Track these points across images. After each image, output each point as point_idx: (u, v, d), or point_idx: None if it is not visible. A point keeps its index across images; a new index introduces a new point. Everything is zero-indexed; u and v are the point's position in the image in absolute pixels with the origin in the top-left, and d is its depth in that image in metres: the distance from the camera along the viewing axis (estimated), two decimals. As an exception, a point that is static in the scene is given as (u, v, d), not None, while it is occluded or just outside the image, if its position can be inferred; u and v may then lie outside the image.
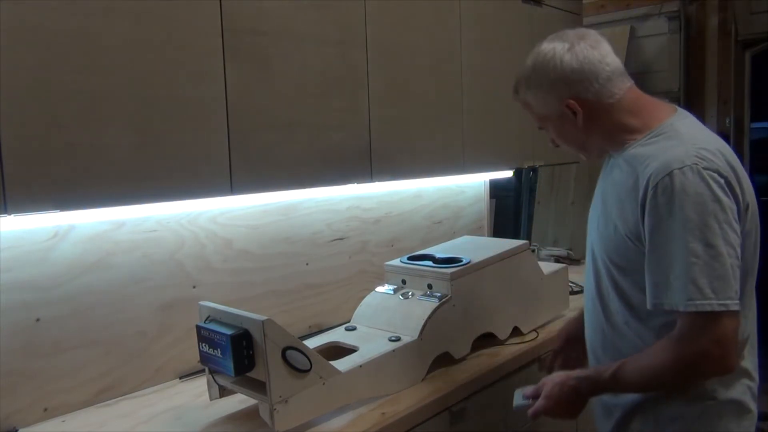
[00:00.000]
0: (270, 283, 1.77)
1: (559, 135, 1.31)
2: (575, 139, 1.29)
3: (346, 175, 1.58)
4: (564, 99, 1.22)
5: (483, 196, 2.62)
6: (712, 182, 1.07)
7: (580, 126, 1.23)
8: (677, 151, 1.11)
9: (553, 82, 1.22)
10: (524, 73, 1.29)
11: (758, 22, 3.05)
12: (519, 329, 1.79)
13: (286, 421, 1.20)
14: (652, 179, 1.11)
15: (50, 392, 1.36)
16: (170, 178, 1.21)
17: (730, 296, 1.05)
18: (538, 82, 1.25)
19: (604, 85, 1.21)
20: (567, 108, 1.22)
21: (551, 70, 1.22)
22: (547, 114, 1.28)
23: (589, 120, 1.23)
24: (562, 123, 1.26)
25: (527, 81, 1.28)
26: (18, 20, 1.00)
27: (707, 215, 1.06)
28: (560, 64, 1.21)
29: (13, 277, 1.30)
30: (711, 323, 1.06)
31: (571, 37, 1.23)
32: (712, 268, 1.05)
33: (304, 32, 1.44)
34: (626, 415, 1.26)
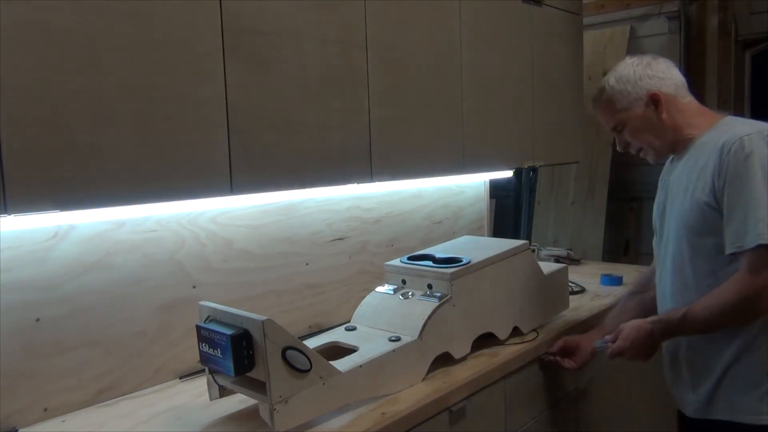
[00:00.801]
0: (270, 283, 1.77)
1: (637, 129, 1.50)
2: (650, 133, 1.49)
3: (346, 175, 1.58)
4: (650, 90, 1.46)
5: (483, 196, 2.62)
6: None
7: (661, 117, 1.46)
8: (743, 127, 1.36)
9: (641, 77, 1.47)
10: (614, 73, 1.52)
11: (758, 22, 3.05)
12: (519, 329, 1.79)
13: (286, 421, 1.20)
14: (725, 148, 1.33)
15: (50, 392, 1.36)
16: (170, 178, 1.21)
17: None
18: (627, 78, 1.48)
19: (680, 87, 1.48)
20: (651, 99, 1.46)
21: (640, 69, 1.48)
22: (631, 107, 1.49)
23: (668, 112, 1.46)
24: (642, 116, 1.48)
25: (617, 79, 1.50)
26: (18, 20, 1.00)
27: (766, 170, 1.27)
28: (647, 65, 1.49)
29: (13, 277, 1.30)
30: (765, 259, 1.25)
31: (653, 55, 1.52)
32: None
33: (304, 32, 1.44)
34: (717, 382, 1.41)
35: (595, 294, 2.26)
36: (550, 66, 2.34)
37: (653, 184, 1.68)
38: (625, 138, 1.54)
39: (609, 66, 3.20)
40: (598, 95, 1.56)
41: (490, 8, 2.03)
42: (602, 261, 3.06)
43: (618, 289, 2.31)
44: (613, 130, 1.56)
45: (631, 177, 3.22)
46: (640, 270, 2.59)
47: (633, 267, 2.71)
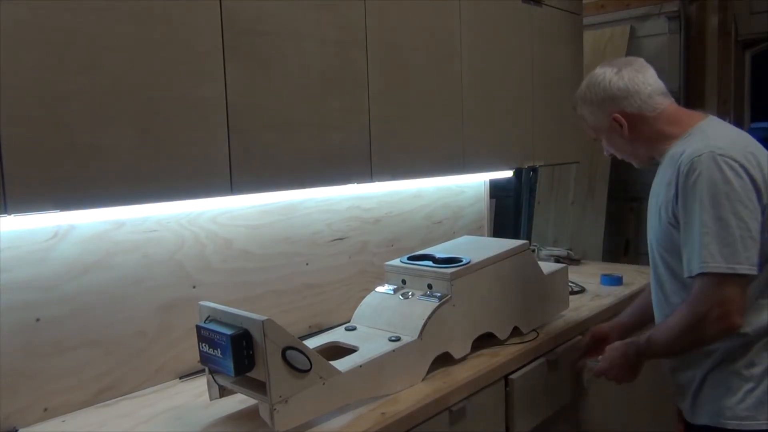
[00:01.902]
0: (270, 283, 1.77)
1: (610, 144, 1.56)
2: (623, 148, 1.53)
3: (346, 175, 1.58)
4: (612, 113, 1.47)
5: (483, 196, 2.62)
6: (725, 166, 1.27)
7: (626, 136, 1.47)
8: (701, 142, 1.33)
9: (603, 99, 1.48)
10: (580, 93, 1.55)
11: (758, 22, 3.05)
12: (519, 329, 1.79)
13: (286, 421, 1.20)
14: (682, 166, 1.32)
15: (50, 392, 1.36)
16: (170, 178, 1.21)
17: (739, 261, 1.24)
18: (590, 100, 1.51)
19: (645, 101, 1.45)
20: (614, 121, 1.47)
21: (601, 89, 1.48)
22: (599, 126, 1.53)
23: (634, 131, 1.47)
24: (611, 134, 1.51)
25: (582, 99, 1.54)
26: (18, 20, 1.00)
27: (718, 194, 1.26)
28: (609, 84, 1.47)
29: (13, 277, 1.30)
30: (717, 285, 1.26)
31: (620, 63, 1.49)
32: (721, 237, 1.25)
33: (304, 32, 1.44)
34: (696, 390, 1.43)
35: (595, 294, 2.26)
36: (550, 66, 2.34)
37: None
38: (607, 147, 1.59)
39: (609, 66, 3.22)
40: (573, 109, 1.60)
41: (490, 8, 2.03)
42: (602, 261, 3.06)
43: (618, 289, 2.31)
44: (594, 139, 1.63)
45: (631, 177, 3.22)
46: (640, 270, 2.59)
47: (633, 267, 2.71)
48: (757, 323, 1.33)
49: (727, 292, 1.25)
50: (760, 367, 1.33)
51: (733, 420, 1.34)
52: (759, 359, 1.33)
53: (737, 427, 1.33)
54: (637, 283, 2.39)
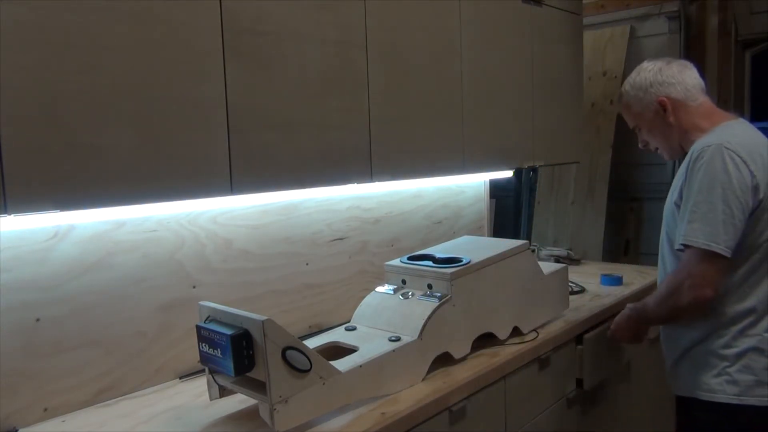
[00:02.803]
0: (270, 283, 1.77)
1: (650, 131, 1.66)
2: (663, 134, 1.63)
3: (346, 175, 1.58)
4: (658, 96, 1.60)
5: (483, 196, 2.62)
6: (728, 158, 1.40)
7: (669, 121, 1.59)
8: (718, 136, 1.47)
9: (651, 84, 1.61)
10: (629, 80, 1.67)
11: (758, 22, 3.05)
12: (519, 329, 1.79)
13: (286, 421, 1.20)
14: (693, 154, 1.47)
15: (50, 392, 1.36)
16: (170, 178, 1.21)
17: (716, 241, 1.39)
18: (639, 85, 1.63)
19: (690, 90, 1.59)
20: (659, 104, 1.59)
21: (651, 74, 1.62)
22: (643, 112, 1.64)
23: (676, 116, 1.58)
24: (654, 119, 1.62)
25: (632, 85, 1.66)
26: (18, 20, 1.00)
27: (715, 180, 1.40)
28: (659, 71, 1.61)
29: (13, 277, 1.30)
30: (695, 258, 1.42)
31: (667, 59, 1.65)
32: (707, 218, 1.40)
33: (304, 32, 1.44)
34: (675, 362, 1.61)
35: (595, 294, 2.26)
36: (550, 66, 2.34)
37: (653, 184, 1.72)
38: (644, 137, 1.70)
39: (609, 66, 3.22)
40: (619, 98, 1.73)
41: (490, 8, 2.03)
42: (602, 261, 3.06)
43: (618, 289, 2.31)
44: (634, 129, 1.72)
45: (631, 177, 3.22)
46: (640, 270, 2.60)
47: (633, 267, 2.71)
48: (739, 308, 1.46)
49: (702, 267, 1.41)
50: (735, 349, 1.46)
51: (707, 393, 1.49)
52: (735, 342, 1.47)
53: (709, 399, 1.48)
54: (637, 283, 2.39)
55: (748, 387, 1.45)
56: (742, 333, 1.46)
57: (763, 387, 1.44)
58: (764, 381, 1.44)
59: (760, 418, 1.45)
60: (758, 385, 1.44)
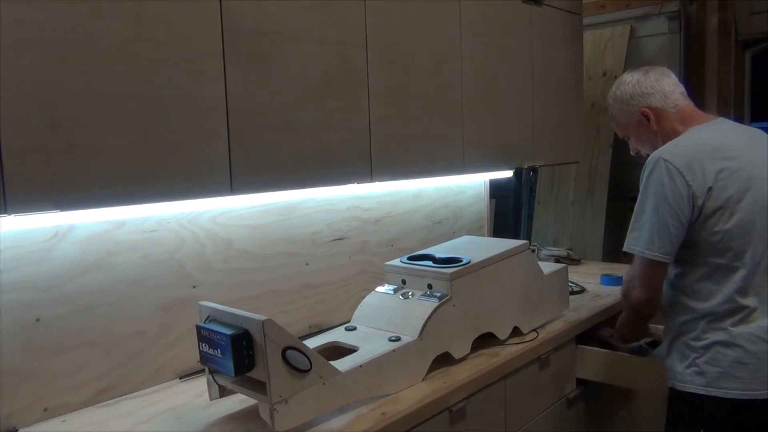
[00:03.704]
0: (270, 283, 1.77)
1: (638, 139, 1.72)
2: (650, 141, 1.68)
3: (346, 175, 1.58)
4: (640, 107, 1.66)
5: (483, 196, 2.62)
6: (664, 170, 1.49)
7: (653, 129, 1.65)
8: (662, 149, 1.55)
9: (632, 96, 1.67)
10: (611, 94, 1.74)
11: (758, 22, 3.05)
12: (519, 329, 1.79)
13: (286, 421, 1.20)
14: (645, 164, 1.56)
15: (50, 392, 1.36)
16: (170, 178, 1.21)
17: (650, 248, 1.50)
18: (620, 98, 1.70)
19: (668, 97, 1.64)
20: (642, 114, 1.66)
21: (630, 87, 1.68)
22: (628, 123, 1.71)
23: (658, 124, 1.65)
24: (639, 128, 1.69)
25: (613, 98, 1.73)
26: (18, 20, 1.00)
27: (649, 191, 1.51)
28: (637, 82, 1.67)
29: (13, 277, 1.30)
30: (637, 263, 1.55)
31: (645, 69, 1.70)
32: (641, 225, 1.52)
33: (304, 32, 1.44)
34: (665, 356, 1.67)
35: (595, 294, 2.26)
36: (550, 66, 2.34)
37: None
38: (634, 145, 1.76)
39: (609, 66, 3.22)
40: (606, 110, 1.81)
41: (490, 8, 2.03)
42: (602, 261, 3.05)
43: (618, 289, 2.30)
44: (623, 138, 1.79)
45: (631, 177, 3.20)
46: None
47: (633, 267, 2.71)
48: (707, 305, 1.53)
49: (642, 271, 1.54)
50: (704, 341, 1.53)
51: (679, 383, 1.57)
52: (704, 335, 1.53)
53: (682, 388, 1.56)
54: (637, 283, 2.39)
55: (714, 378, 1.50)
56: (710, 327, 1.52)
57: (729, 379, 1.49)
58: (730, 374, 1.49)
59: (724, 409, 1.50)
60: (724, 377, 1.49)
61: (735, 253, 1.49)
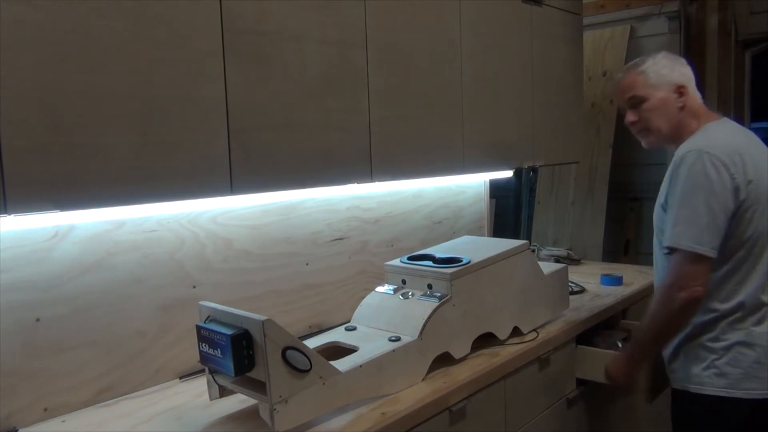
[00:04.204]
0: (270, 283, 1.77)
1: (654, 108, 1.61)
2: (663, 117, 1.60)
3: (346, 175, 1.58)
4: (678, 82, 1.60)
5: (483, 196, 2.62)
6: (708, 163, 1.45)
7: (678, 107, 1.59)
8: (697, 142, 1.51)
9: (674, 68, 1.61)
10: (652, 58, 1.64)
11: (758, 22, 3.05)
12: (519, 329, 1.79)
13: (286, 421, 1.20)
14: (676, 157, 1.52)
15: (50, 392, 1.36)
16: (170, 178, 1.21)
17: (701, 243, 1.43)
18: (664, 64, 1.62)
19: (694, 91, 1.62)
20: (678, 90, 1.59)
21: (676, 63, 1.63)
22: (659, 86, 1.60)
23: (684, 106, 1.59)
24: (665, 101, 1.60)
25: (656, 62, 1.62)
26: (18, 20, 1.00)
27: (696, 185, 1.45)
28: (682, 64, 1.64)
29: (13, 277, 1.30)
30: (682, 260, 1.45)
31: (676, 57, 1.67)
32: (691, 220, 1.44)
33: (304, 32, 1.44)
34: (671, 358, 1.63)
35: (595, 294, 2.26)
36: (550, 66, 2.34)
37: (653, 184, 1.72)
38: (636, 114, 1.64)
39: (609, 66, 3.22)
40: (633, 66, 1.66)
41: (490, 8, 2.03)
42: (602, 261, 3.06)
43: (618, 289, 2.31)
44: (630, 101, 1.65)
45: (630, 177, 3.22)
46: (640, 270, 2.60)
47: (633, 267, 2.71)
48: (727, 304, 1.50)
49: (689, 267, 1.45)
50: (724, 342, 1.50)
51: (697, 385, 1.53)
52: (724, 335, 1.50)
53: (698, 391, 1.52)
54: (637, 283, 2.39)
55: (736, 380, 1.48)
56: (731, 327, 1.50)
57: (750, 380, 1.47)
58: (751, 374, 1.48)
59: (746, 410, 1.48)
60: (745, 378, 1.48)
61: (759, 249, 1.49)
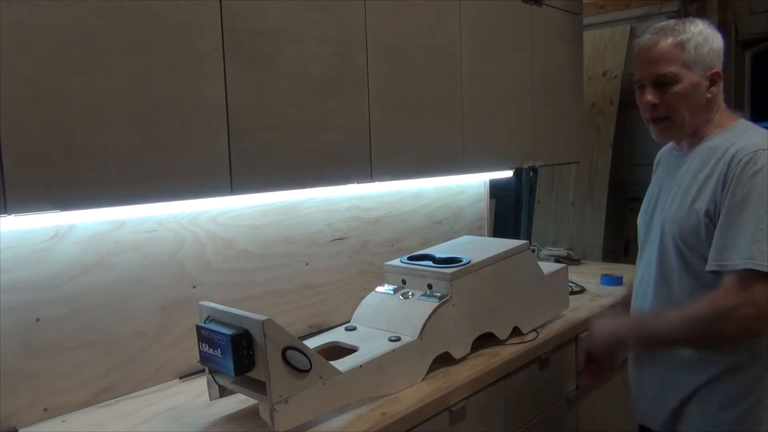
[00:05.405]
0: (270, 283, 1.77)
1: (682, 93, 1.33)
2: (690, 105, 1.34)
3: (346, 175, 1.58)
4: (716, 67, 1.33)
5: (483, 196, 2.62)
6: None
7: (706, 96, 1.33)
8: (759, 138, 1.26)
9: (719, 48, 1.34)
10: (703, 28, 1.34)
11: (758, 22, 3.05)
12: (519, 329, 1.79)
13: (286, 421, 1.20)
14: (737, 156, 1.24)
15: (50, 392, 1.36)
16: (170, 178, 1.21)
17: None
18: (712, 42, 1.33)
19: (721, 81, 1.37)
20: (714, 75, 1.34)
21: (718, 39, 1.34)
22: (693, 67, 1.32)
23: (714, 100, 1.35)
24: (696, 84, 1.33)
25: (704, 35, 1.33)
26: (18, 20, 1.00)
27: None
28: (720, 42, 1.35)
29: (13, 277, 1.30)
30: (757, 283, 1.16)
31: None
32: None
33: (304, 32, 1.44)
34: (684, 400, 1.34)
35: (595, 294, 2.26)
36: (550, 66, 2.34)
37: (654, 184, 1.65)
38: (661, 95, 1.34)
39: (609, 66, 3.22)
40: (668, 34, 1.34)
41: (490, 8, 2.03)
42: (602, 261, 3.06)
43: (618, 289, 2.31)
44: (657, 78, 1.34)
45: (630, 177, 3.22)
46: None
47: (633, 267, 2.70)
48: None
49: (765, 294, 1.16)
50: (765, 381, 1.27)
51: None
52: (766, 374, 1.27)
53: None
54: (637, 283, 2.39)
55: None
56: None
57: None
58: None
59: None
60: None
61: None
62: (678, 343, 1.32)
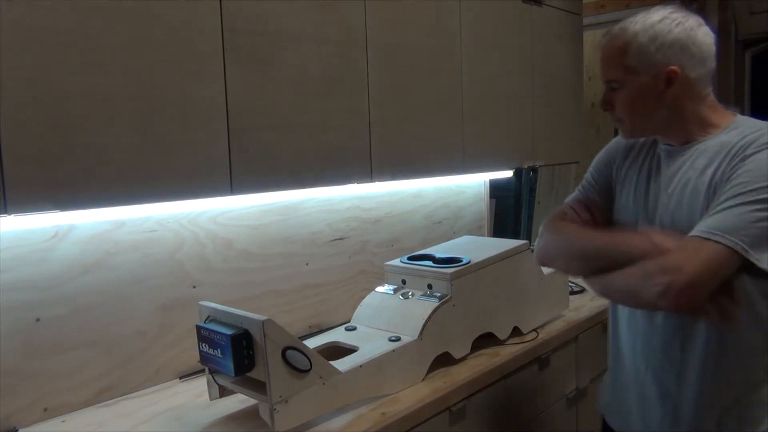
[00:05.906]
0: (270, 283, 1.77)
1: (629, 99, 1.23)
2: (643, 110, 1.23)
3: (346, 175, 1.58)
4: (671, 63, 1.17)
5: (483, 196, 2.62)
6: None
7: (664, 98, 1.20)
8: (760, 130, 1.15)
9: (672, 42, 1.17)
10: (646, 21, 1.20)
11: (758, 22, 3.05)
12: (519, 329, 1.79)
13: (286, 421, 1.20)
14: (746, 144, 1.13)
15: (50, 392, 1.36)
16: (170, 178, 1.21)
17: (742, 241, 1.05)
18: (657, 36, 1.17)
19: (706, 76, 1.21)
20: (668, 74, 1.18)
21: (679, 32, 1.17)
22: (640, 70, 1.20)
23: (677, 99, 1.20)
24: (644, 87, 1.21)
25: (647, 31, 1.18)
26: (18, 20, 1.00)
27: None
28: (688, 31, 1.17)
29: (13, 277, 1.30)
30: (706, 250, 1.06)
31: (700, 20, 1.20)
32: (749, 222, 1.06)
33: (304, 32, 1.44)
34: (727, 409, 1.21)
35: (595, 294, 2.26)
36: (550, 66, 2.34)
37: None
38: (614, 98, 1.27)
39: (609, 66, 3.21)
40: (615, 36, 1.22)
41: (490, 8, 2.03)
42: (602, 261, 3.05)
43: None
44: (608, 83, 1.27)
45: (631, 177, 3.21)
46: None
47: (633, 267, 2.70)
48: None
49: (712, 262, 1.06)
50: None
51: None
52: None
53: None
54: (637, 283, 2.39)
55: None
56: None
57: None
58: None
59: None
60: None
61: None
62: (590, 257, 1.25)
